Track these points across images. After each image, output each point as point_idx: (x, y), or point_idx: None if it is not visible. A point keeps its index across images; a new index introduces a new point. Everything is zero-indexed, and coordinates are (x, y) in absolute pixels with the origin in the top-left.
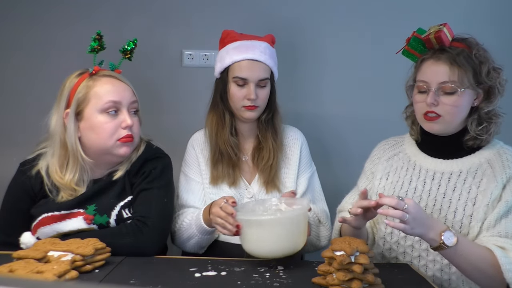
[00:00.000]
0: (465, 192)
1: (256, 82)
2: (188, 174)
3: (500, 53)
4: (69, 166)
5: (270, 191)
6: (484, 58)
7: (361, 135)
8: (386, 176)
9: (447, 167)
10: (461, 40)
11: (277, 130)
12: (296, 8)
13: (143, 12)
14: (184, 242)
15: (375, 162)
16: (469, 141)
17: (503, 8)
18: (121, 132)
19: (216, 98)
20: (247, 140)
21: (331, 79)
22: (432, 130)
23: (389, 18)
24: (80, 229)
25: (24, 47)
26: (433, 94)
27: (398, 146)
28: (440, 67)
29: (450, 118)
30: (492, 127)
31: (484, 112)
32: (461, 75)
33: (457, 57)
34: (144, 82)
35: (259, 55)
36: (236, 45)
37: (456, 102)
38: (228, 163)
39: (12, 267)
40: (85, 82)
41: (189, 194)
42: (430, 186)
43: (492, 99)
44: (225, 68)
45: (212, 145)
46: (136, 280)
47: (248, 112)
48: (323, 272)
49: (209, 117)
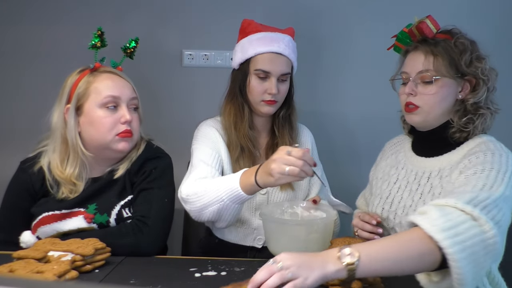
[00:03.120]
0: (437, 193)
1: (278, 76)
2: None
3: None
4: (70, 161)
5: (284, 189)
6: (465, 47)
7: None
8: (381, 175)
9: (428, 165)
10: (445, 31)
11: (294, 127)
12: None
13: (143, 12)
14: (202, 209)
15: (377, 165)
16: (455, 134)
17: None
18: (120, 127)
19: (234, 90)
20: (261, 135)
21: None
22: (413, 122)
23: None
24: (80, 228)
25: (25, 46)
26: (411, 83)
27: (399, 144)
28: (418, 56)
29: (428, 108)
30: (478, 119)
31: (469, 104)
32: (436, 63)
33: (435, 46)
34: (144, 82)
35: (283, 48)
36: (260, 36)
37: (432, 90)
38: (249, 158)
39: (12, 267)
40: (86, 77)
41: (201, 153)
42: (411, 186)
43: (478, 90)
44: (246, 59)
45: (232, 139)
46: (136, 280)
47: (266, 107)
48: None
49: (226, 109)
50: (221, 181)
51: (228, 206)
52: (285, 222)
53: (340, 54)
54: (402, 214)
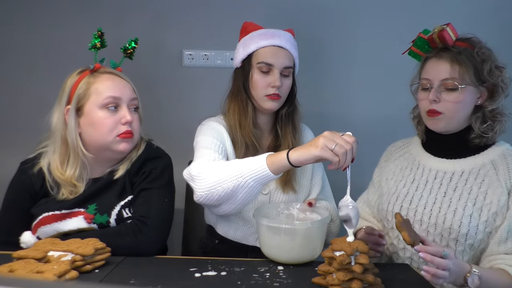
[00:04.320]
0: (466, 193)
1: (281, 69)
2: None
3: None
4: (70, 162)
5: (287, 191)
6: (486, 56)
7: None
8: (392, 176)
9: (449, 166)
10: (465, 40)
11: (297, 127)
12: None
13: (143, 12)
14: (214, 186)
15: (382, 167)
16: (475, 139)
17: None
18: (121, 128)
19: (237, 87)
20: (263, 134)
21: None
22: (435, 128)
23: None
24: (80, 228)
25: (25, 47)
26: (434, 91)
27: (405, 147)
28: (442, 64)
29: (451, 114)
30: (496, 125)
31: (488, 111)
32: (462, 72)
33: (459, 55)
34: (144, 82)
35: (285, 42)
36: (261, 32)
37: (457, 98)
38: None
39: (12, 267)
40: (86, 78)
41: (207, 142)
42: (432, 185)
43: (496, 97)
44: (248, 55)
45: (237, 138)
46: (136, 280)
47: (270, 102)
48: (323, 272)
49: (231, 108)
50: (243, 161)
51: (247, 184)
52: (277, 225)
53: (340, 55)
54: (424, 211)
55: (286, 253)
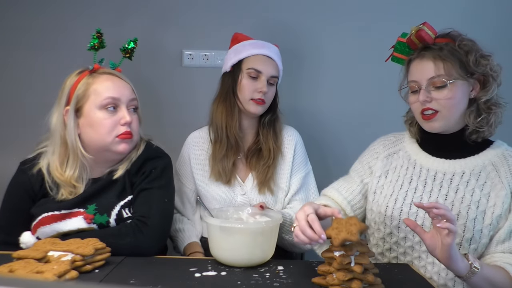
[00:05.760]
0: (468, 195)
1: (268, 77)
2: (180, 178)
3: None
4: (69, 163)
5: (263, 192)
6: (469, 48)
7: (358, 134)
8: (385, 174)
9: (449, 167)
10: (444, 35)
11: (278, 134)
12: (295, 11)
13: (143, 12)
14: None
15: (373, 156)
16: (471, 135)
17: None
18: (120, 128)
19: (225, 91)
20: (246, 137)
21: (329, 79)
22: (433, 129)
23: (387, 18)
24: (80, 228)
25: (24, 47)
26: (424, 91)
27: (398, 143)
28: (426, 64)
29: (447, 112)
30: (492, 117)
31: (482, 102)
32: (447, 67)
33: (441, 51)
34: (144, 82)
35: (274, 54)
36: (252, 41)
37: (448, 94)
38: (232, 158)
39: (12, 267)
40: (85, 79)
41: (181, 198)
42: (432, 187)
43: (488, 87)
44: (239, 61)
45: (222, 139)
46: (136, 280)
47: (255, 106)
48: (323, 272)
49: (218, 110)
50: None
51: None
52: (228, 227)
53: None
54: (426, 216)
55: (228, 254)
